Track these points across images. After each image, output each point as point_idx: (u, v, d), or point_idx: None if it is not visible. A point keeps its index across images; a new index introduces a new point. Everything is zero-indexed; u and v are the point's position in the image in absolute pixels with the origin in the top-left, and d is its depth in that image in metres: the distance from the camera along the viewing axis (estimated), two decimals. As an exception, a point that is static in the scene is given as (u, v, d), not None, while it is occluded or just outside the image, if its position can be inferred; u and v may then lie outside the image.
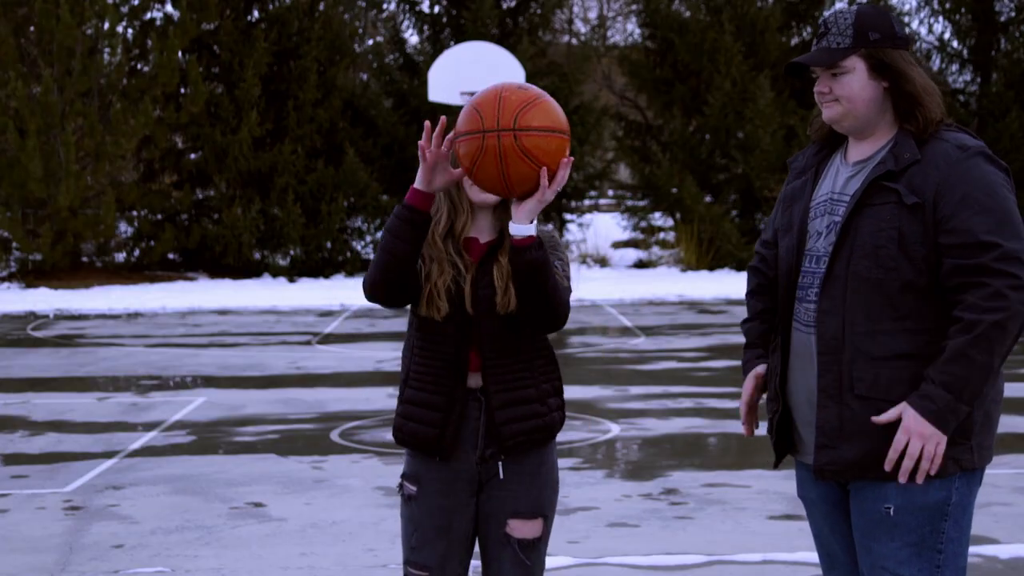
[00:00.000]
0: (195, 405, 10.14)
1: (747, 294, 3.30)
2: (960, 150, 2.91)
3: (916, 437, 2.81)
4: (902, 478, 2.83)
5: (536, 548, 3.30)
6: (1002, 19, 27.97)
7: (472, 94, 3.60)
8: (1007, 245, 2.79)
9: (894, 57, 2.97)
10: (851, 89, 2.96)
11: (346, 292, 21.49)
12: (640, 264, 25.83)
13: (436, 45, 25.37)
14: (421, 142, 3.10)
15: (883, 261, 2.86)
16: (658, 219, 27.01)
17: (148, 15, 25.07)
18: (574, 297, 16.15)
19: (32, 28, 23.66)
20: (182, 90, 24.59)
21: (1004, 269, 2.78)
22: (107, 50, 23.77)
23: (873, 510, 2.94)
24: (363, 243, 26.33)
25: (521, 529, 3.27)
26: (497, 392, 3.23)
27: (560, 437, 8.40)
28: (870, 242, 2.87)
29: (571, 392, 7.72)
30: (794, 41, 27.10)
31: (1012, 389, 10.66)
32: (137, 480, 7.38)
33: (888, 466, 2.84)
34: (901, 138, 2.96)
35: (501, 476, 3.27)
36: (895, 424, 2.85)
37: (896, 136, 2.97)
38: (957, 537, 2.92)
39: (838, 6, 27.14)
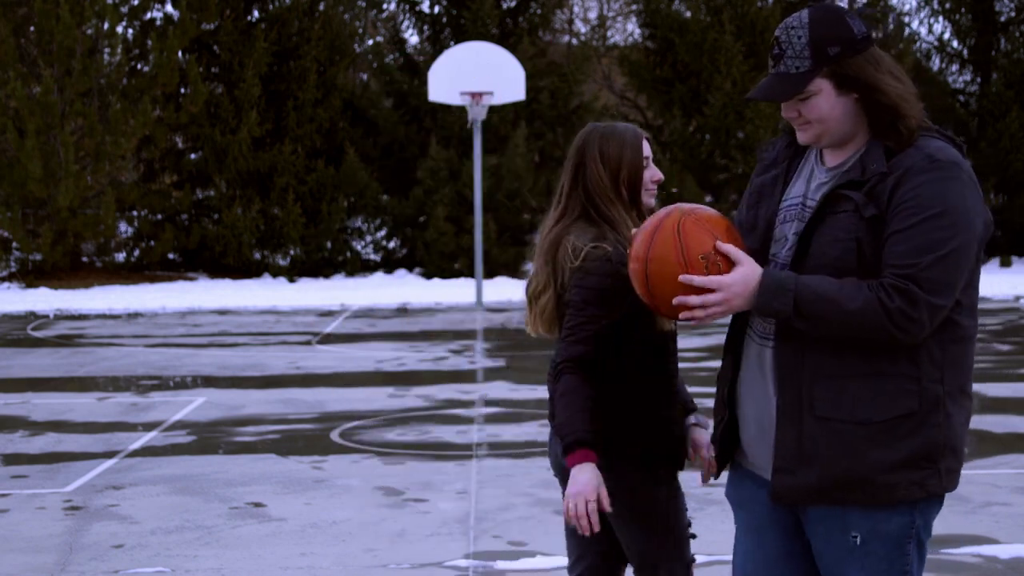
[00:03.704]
0: (195, 405, 10.13)
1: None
2: (928, 161, 2.71)
3: (728, 291, 2.72)
4: (682, 315, 2.75)
5: None
6: (1002, 19, 27.97)
7: (472, 94, 3.56)
8: (926, 278, 2.65)
9: (860, 68, 2.74)
10: (820, 111, 2.77)
11: (346, 292, 21.49)
12: (640, 264, 25.82)
13: (436, 45, 25.37)
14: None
15: (843, 273, 2.71)
16: (658, 219, 26.92)
17: (148, 15, 25.07)
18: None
19: (32, 28, 23.66)
20: (182, 90, 24.59)
21: (914, 298, 2.66)
22: (107, 50, 23.77)
23: (840, 540, 2.80)
24: (363, 243, 26.33)
25: None
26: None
27: (560, 437, 8.41)
28: (830, 254, 2.73)
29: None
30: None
31: (1012, 389, 10.65)
32: (137, 480, 7.38)
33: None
34: (871, 147, 2.79)
35: None
36: (858, 447, 2.72)
37: (868, 144, 2.80)
38: (921, 556, 2.83)
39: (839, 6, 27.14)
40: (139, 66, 24.90)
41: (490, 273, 23.10)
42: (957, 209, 2.68)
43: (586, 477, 3.15)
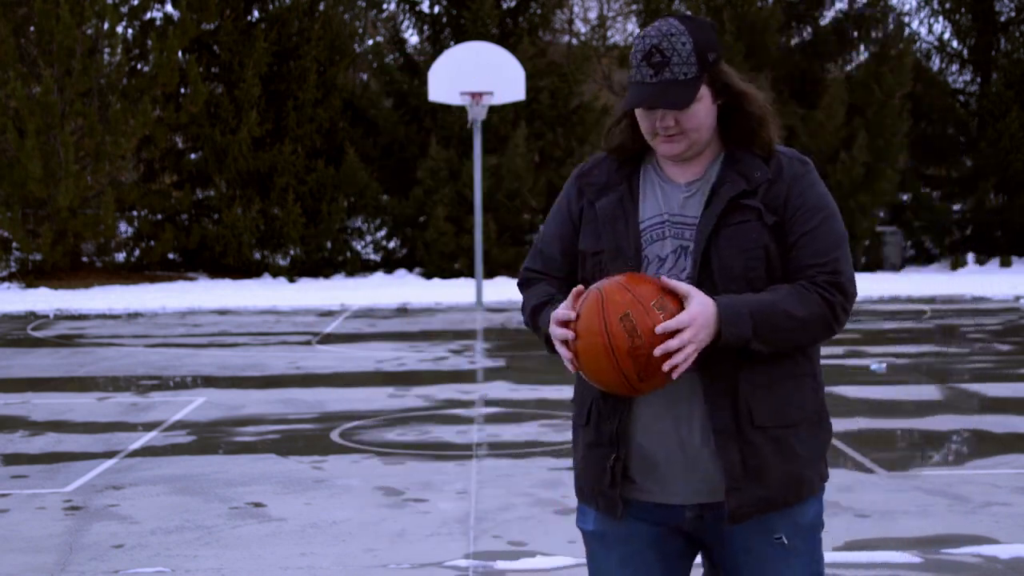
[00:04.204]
0: (195, 405, 10.13)
1: (542, 304, 2.91)
2: (801, 164, 2.80)
3: (695, 326, 2.60)
4: (667, 365, 2.58)
5: None
6: (1002, 19, 27.97)
7: (472, 94, 3.52)
8: (846, 270, 2.76)
9: (728, 75, 2.76)
10: (699, 119, 2.73)
11: (346, 292, 21.50)
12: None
13: (436, 45, 25.37)
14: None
15: (753, 283, 2.71)
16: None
17: (148, 15, 25.09)
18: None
19: (32, 28, 23.67)
20: (182, 90, 24.60)
21: (846, 290, 2.74)
22: (107, 50, 23.78)
23: (764, 545, 2.79)
24: (363, 243, 26.33)
25: None
26: None
27: (560, 437, 8.42)
28: (736, 266, 2.71)
29: (571, 392, 7.71)
30: (794, 41, 27.10)
31: (1012, 389, 10.65)
32: (137, 480, 7.38)
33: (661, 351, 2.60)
34: (739, 155, 2.78)
35: None
36: (791, 449, 2.74)
37: (731, 153, 2.79)
38: (822, 541, 2.90)
39: (838, 5, 27.15)
40: (139, 66, 24.90)
41: (490, 273, 23.12)
42: (835, 206, 2.82)
43: None
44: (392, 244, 26.28)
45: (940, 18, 28.51)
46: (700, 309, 2.60)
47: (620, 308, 2.57)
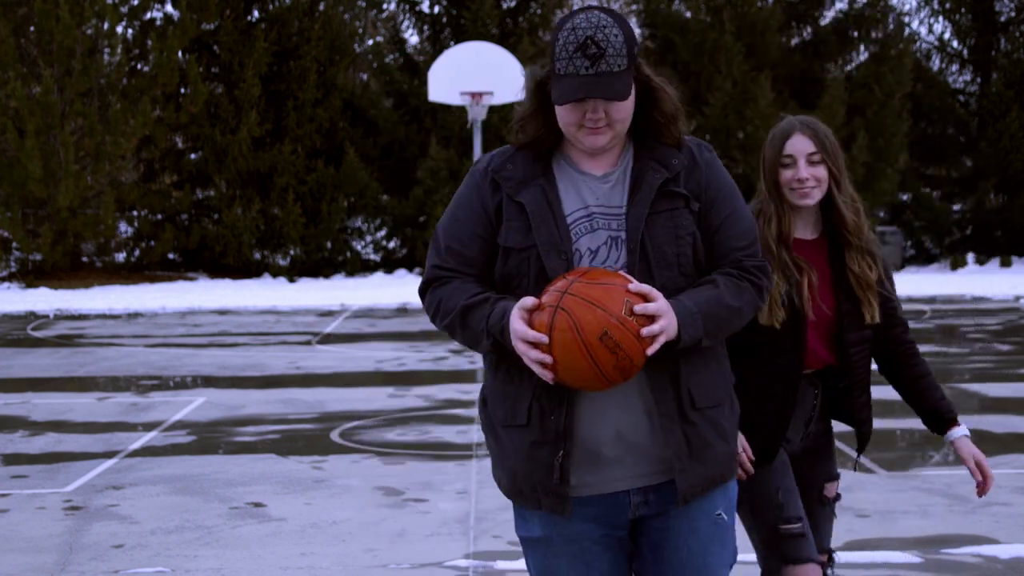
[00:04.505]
0: (195, 405, 10.13)
1: (475, 303, 2.82)
2: (708, 151, 2.89)
3: (668, 315, 2.67)
4: (650, 349, 2.64)
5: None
6: (1002, 19, 27.97)
7: (472, 94, 3.51)
8: (760, 251, 2.92)
9: (646, 69, 2.82)
10: (625, 111, 2.76)
11: (346, 292, 21.50)
12: (640, 264, 25.84)
13: (436, 45, 25.38)
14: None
15: (684, 269, 2.77)
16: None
17: (148, 15, 25.09)
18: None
19: (32, 28, 23.67)
20: (182, 90, 24.60)
21: (768, 272, 2.90)
22: (107, 50, 23.79)
23: (707, 524, 2.88)
24: (363, 243, 26.33)
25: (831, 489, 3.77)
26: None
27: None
28: (671, 251, 2.76)
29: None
30: (794, 41, 27.10)
31: (1012, 389, 10.65)
32: (137, 480, 7.38)
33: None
34: (652, 144, 2.83)
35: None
36: (723, 427, 2.86)
37: (642, 143, 2.84)
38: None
39: (838, 6, 27.15)
40: (139, 66, 24.90)
41: (490, 273, 23.10)
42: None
43: None
44: (392, 244, 26.29)
45: (940, 18, 28.51)
46: (664, 305, 2.66)
47: (597, 329, 2.60)
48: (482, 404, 2.94)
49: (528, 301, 2.67)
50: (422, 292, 2.92)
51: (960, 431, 3.62)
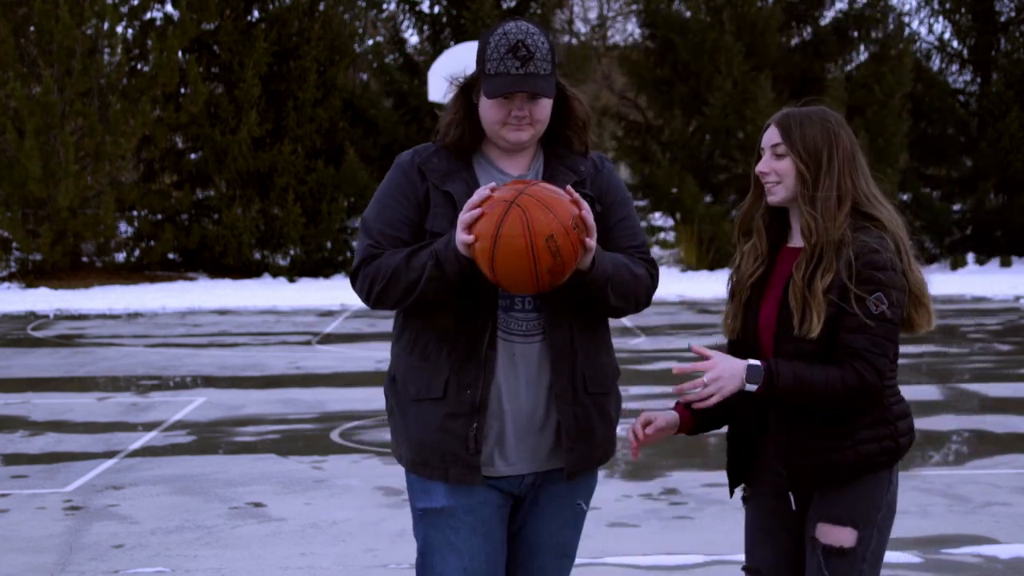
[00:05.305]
0: (195, 405, 10.14)
1: (417, 248, 3.07)
2: (608, 161, 3.20)
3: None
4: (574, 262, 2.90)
5: (845, 559, 3.09)
6: (1002, 19, 27.96)
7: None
8: (648, 251, 3.18)
9: (561, 79, 3.12)
10: (546, 112, 3.06)
11: (346, 292, 21.46)
12: (640, 264, 25.85)
13: (436, 45, 25.37)
14: None
15: None
16: (658, 219, 26.94)
17: (148, 15, 25.07)
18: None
19: (32, 28, 23.66)
20: (182, 90, 24.59)
21: (656, 266, 3.17)
22: (107, 50, 23.77)
23: (569, 510, 3.19)
24: (363, 243, 26.32)
25: (829, 535, 3.09)
26: None
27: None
28: None
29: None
30: (794, 41, 27.09)
31: (1012, 389, 10.66)
32: (137, 480, 7.38)
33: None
34: (562, 152, 3.12)
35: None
36: (609, 415, 3.14)
37: (552, 149, 3.13)
38: None
39: (838, 6, 27.15)
40: (139, 66, 24.90)
41: (490, 273, 23.11)
42: None
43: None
44: (392, 244, 26.29)
45: (940, 18, 28.49)
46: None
47: (545, 230, 2.82)
48: (390, 383, 3.17)
49: (476, 196, 2.90)
50: (355, 273, 3.10)
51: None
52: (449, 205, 3.03)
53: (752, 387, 2.95)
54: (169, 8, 25.04)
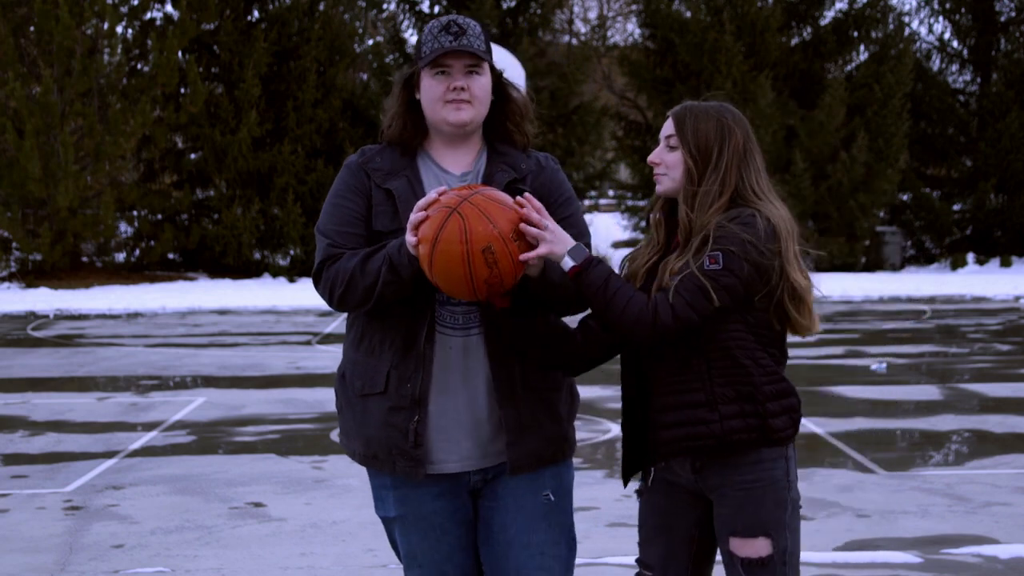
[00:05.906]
0: (195, 405, 10.13)
1: (374, 251, 3.05)
2: (555, 161, 3.22)
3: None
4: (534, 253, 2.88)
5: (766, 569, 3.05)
6: (1002, 19, 27.97)
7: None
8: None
9: (497, 69, 3.13)
10: (484, 91, 3.06)
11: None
12: (640, 264, 25.85)
13: (436, 45, 25.37)
14: None
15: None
16: (658, 219, 26.89)
17: (148, 15, 25.08)
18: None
19: (32, 28, 23.67)
20: (182, 90, 24.59)
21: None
22: (107, 50, 23.78)
23: (533, 503, 3.12)
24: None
25: (743, 548, 3.06)
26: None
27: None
28: None
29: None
30: (794, 41, 27.10)
31: (1012, 389, 10.65)
32: (137, 480, 7.38)
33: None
34: (505, 149, 3.14)
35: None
36: (556, 409, 3.11)
37: (495, 147, 3.14)
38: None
39: (838, 6, 27.16)
40: (139, 66, 24.90)
41: (490, 273, 23.11)
42: None
43: None
44: (392, 244, 26.31)
45: (940, 18, 28.52)
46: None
47: (483, 240, 2.80)
48: (340, 380, 3.23)
49: (424, 199, 2.90)
50: (317, 275, 3.14)
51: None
52: (391, 203, 3.07)
53: (570, 263, 2.93)
54: (169, 8, 25.05)
